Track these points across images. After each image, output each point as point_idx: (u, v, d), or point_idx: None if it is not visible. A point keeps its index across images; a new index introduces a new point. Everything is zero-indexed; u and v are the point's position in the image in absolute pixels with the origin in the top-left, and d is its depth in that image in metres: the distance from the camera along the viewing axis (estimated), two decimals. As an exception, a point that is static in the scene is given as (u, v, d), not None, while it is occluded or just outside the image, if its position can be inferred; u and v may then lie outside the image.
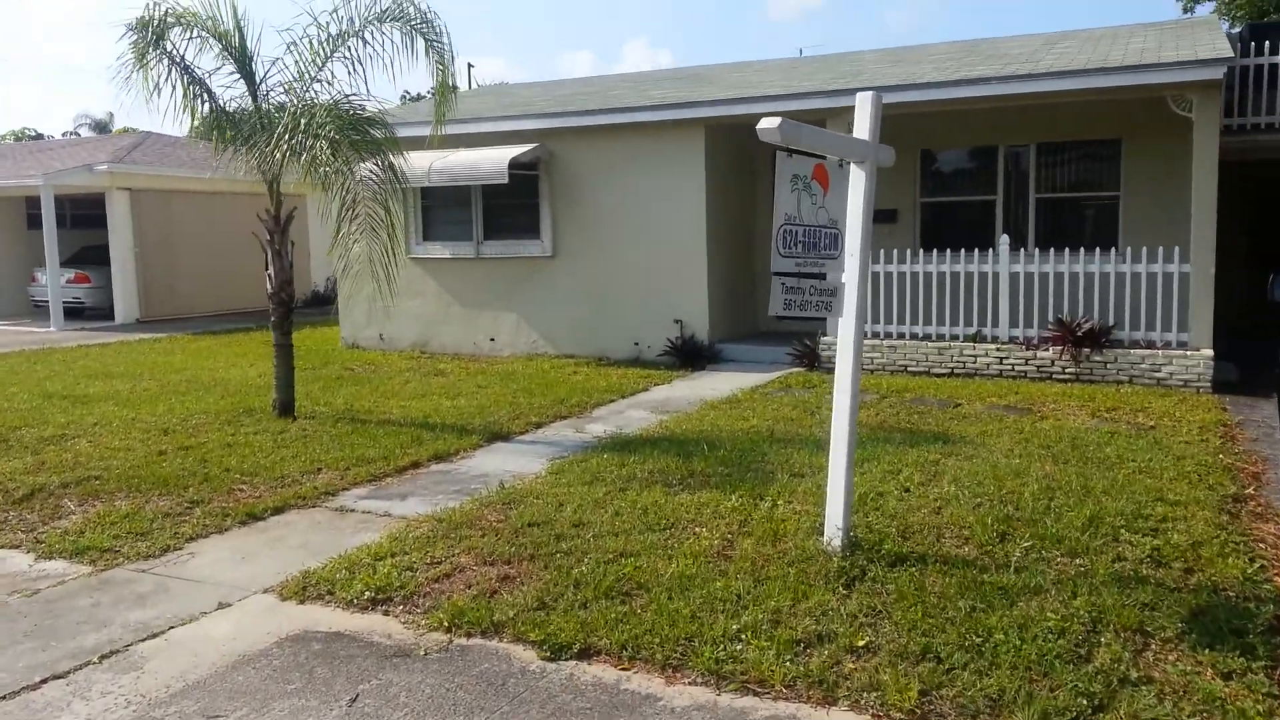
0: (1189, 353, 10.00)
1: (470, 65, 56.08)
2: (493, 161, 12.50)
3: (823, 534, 5.12)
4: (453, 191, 13.56)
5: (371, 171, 8.24)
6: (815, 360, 11.63)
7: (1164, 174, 11.66)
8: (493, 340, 13.83)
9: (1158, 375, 10.10)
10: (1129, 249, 10.56)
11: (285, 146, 7.81)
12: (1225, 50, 10.08)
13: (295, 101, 8.59)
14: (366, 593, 4.67)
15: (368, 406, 9.56)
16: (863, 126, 4.72)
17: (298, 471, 7.05)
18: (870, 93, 4.79)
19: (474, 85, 30.00)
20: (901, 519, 5.54)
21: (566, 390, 10.36)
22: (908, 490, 6.13)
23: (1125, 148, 11.99)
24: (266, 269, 8.84)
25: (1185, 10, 25.37)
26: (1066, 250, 10.69)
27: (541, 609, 4.40)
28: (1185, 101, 10.03)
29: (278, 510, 6.21)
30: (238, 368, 12.58)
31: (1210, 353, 9.92)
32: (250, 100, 8.83)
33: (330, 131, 7.77)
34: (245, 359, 13.43)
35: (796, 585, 4.53)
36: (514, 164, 12.55)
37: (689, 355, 12.34)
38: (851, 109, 4.75)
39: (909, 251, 11.49)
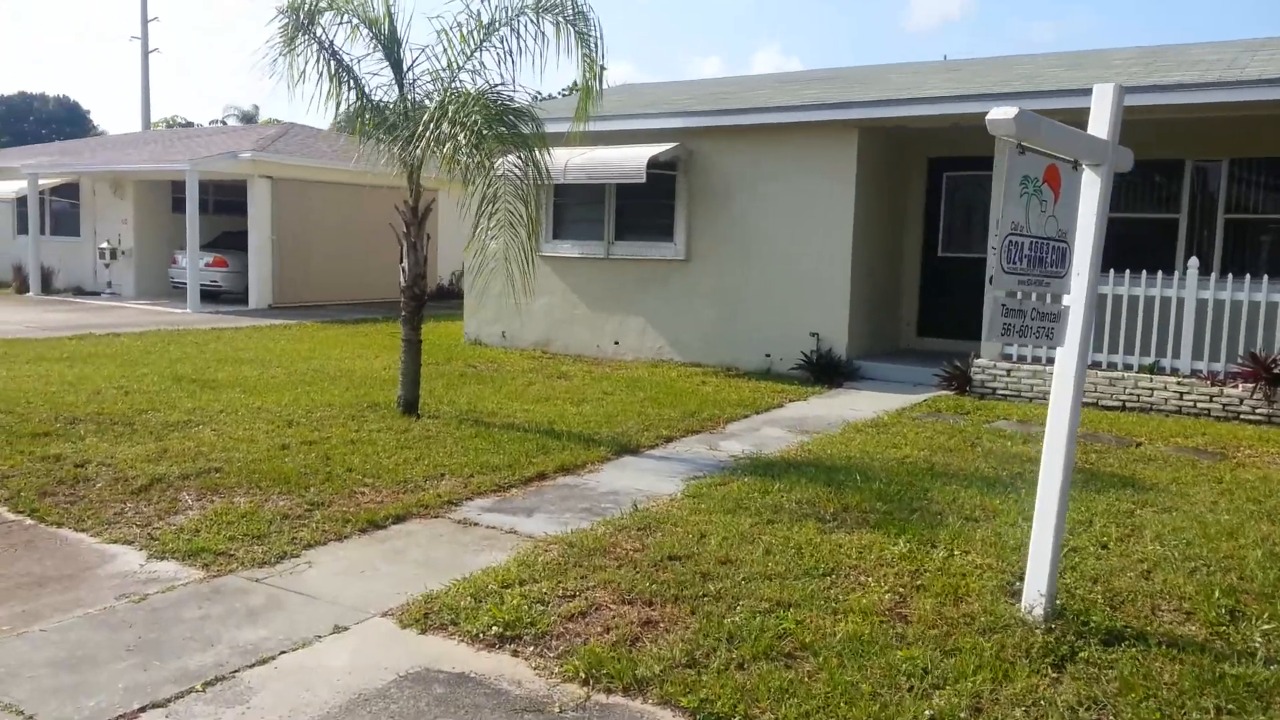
0: None
1: (602, 68, 55.96)
2: (632, 160, 12.02)
3: (1016, 597, 4.38)
4: (586, 189, 13.14)
5: (514, 166, 7.82)
6: (967, 384, 10.74)
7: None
8: (617, 344, 13.36)
9: (1371, 423, 8.87)
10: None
11: (429, 136, 7.44)
12: None
13: (442, 91, 8.25)
14: (494, 627, 4.15)
15: (491, 408, 9.17)
16: (1100, 123, 3.98)
17: (420, 476, 6.64)
18: (1111, 85, 4.05)
19: (604, 86, 29.78)
20: (1106, 583, 4.73)
21: (696, 402, 9.76)
22: (1105, 546, 5.30)
23: (1334, 165, 10.70)
24: (401, 261, 8.52)
25: None
26: (1265, 277, 9.55)
27: (691, 666, 3.80)
28: None
29: (399, 518, 5.79)
30: (363, 359, 12.43)
31: None
32: (396, 89, 8.52)
33: (476, 122, 7.36)
34: (371, 350, 13.31)
35: (995, 662, 3.81)
36: (652, 163, 12.04)
37: (824, 371, 11.60)
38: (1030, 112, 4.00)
39: (1077, 271, 10.48)
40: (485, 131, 7.34)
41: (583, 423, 8.60)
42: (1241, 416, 9.43)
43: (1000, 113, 3.35)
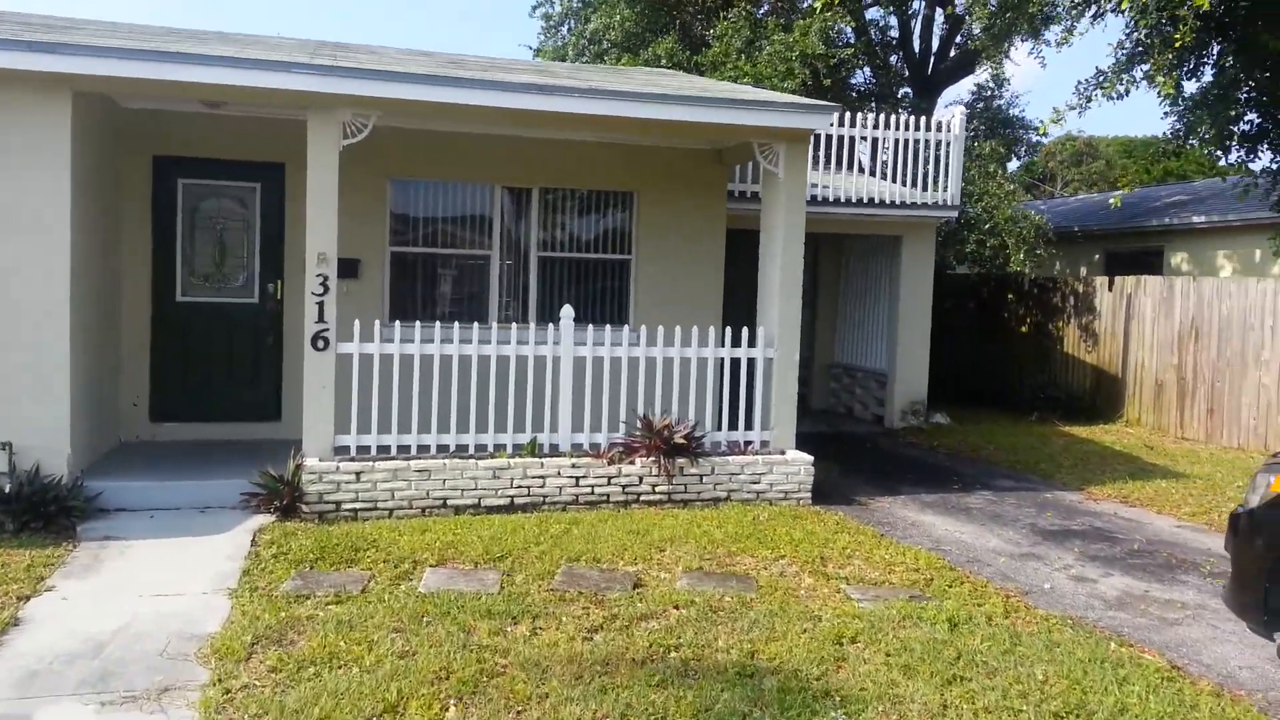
0: (788, 457, 8.21)
1: None
2: None
3: None
4: None
5: None
6: (298, 500, 7.03)
7: (680, 237, 9.88)
8: None
9: (757, 488, 8.09)
10: (701, 330, 8.35)
11: None
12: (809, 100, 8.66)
13: None
14: None
15: None
16: None
17: None
18: None
19: None
20: None
21: None
22: None
23: (640, 203, 9.90)
24: None
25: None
26: (660, 330, 8.19)
27: None
28: (772, 152, 8.27)
29: None
30: None
31: (810, 457, 8.25)
32: None
33: None
34: None
35: None
36: None
37: (33, 509, 6.55)
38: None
39: (417, 324, 7.69)
40: None
41: None
42: (642, 499, 7.82)
43: None
